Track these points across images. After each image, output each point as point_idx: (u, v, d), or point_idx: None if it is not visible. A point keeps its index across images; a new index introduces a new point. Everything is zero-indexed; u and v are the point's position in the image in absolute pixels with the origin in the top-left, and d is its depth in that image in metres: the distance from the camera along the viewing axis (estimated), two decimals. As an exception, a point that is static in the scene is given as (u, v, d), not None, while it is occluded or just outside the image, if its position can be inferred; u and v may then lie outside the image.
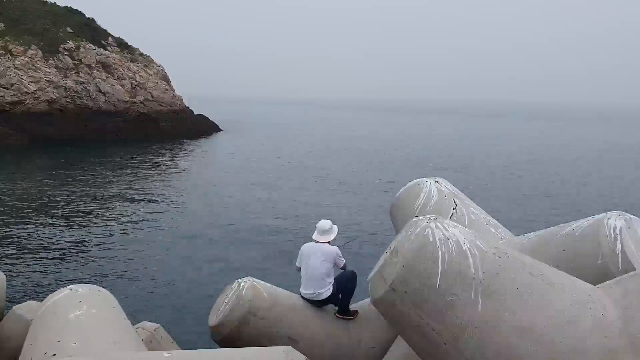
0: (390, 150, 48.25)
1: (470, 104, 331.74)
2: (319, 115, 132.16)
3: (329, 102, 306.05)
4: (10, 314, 5.83)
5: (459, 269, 3.66)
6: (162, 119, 56.78)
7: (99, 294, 4.56)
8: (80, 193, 25.65)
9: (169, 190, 27.27)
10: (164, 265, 15.48)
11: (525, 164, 40.52)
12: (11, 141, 43.05)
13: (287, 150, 46.86)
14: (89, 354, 3.86)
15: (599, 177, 34.43)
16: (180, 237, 18.49)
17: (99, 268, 14.97)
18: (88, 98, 52.09)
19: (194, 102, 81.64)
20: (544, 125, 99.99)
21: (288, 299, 6.11)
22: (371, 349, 5.94)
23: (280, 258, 15.92)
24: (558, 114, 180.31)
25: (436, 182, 6.45)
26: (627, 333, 3.46)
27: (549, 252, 4.81)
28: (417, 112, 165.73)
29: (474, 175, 33.89)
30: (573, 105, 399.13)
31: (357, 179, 31.85)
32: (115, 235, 18.40)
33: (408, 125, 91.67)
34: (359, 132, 72.85)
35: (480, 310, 3.57)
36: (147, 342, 5.78)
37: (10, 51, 48.41)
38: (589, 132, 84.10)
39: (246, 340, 5.57)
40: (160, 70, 64.11)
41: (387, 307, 3.95)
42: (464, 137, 66.48)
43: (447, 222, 3.98)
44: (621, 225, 4.47)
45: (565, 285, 3.75)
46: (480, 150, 49.63)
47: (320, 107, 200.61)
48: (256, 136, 61.91)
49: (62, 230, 18.88)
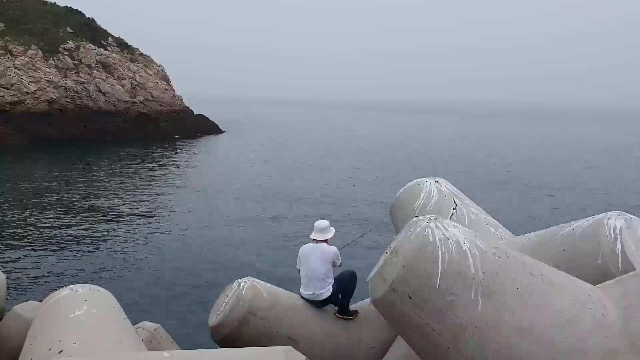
0: (390, 151, 48.24)
1: (470, 104, 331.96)
2: (319, 115, 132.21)
3: (329, 102, 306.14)
4: (10, 314, 5.83)
5: (459, 269, 3.66)
6: (162, 119, 56.79)
7: (99, 294, 4.56)
8: (80, 193, 25.66)
9: (168, 190, 27.28)
10: (164, 265, 15.48)
11: (525, 164, 40.52)
12: (11, 141, 43.05)
13: (287, 151, 46.85)
14: (89, 353, 3.86)
15: (598, 177, 34.43)
16: (180, 237, 18.49)
17: (99, 268, 14.98)
18: (88, 98, 52.10)
19: (194, 102, 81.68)
20: (543, 126, 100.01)
21: (288, 299, 6.11)
22: (371, 349, 5.94)
23: (280, 258, 15.91)
24: (558, 114, 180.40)
25: (436, 182, 6.45)
26: (627, 333, 3.46)
27: (549, 252, 4.81)
28: (417, 112, 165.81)
29: (474, 175, 33.89)
30: (573, 105, 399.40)
31: (357, 179, 31.85)
32: (115, 235, 18.41)
33: (408, 125, 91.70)
34: (359, 132, 72.86)
35: (480, 310, 3.57)
36: (147, 342, 5.78)
37: (10, 51, 48.42)
38: (589, 132, 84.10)
39: (246, 340, 5.57)
40: (160, 70, 64.13)
41: (387, 307, 3.95)
42: (464, 137, 66.47)
43: (447, 222, 3.98)
44: (621, 225, 4.47)
45: (565, 285, 3.75)
46: (480, 150, 49.63)
47: (321, 107, 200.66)
48: (256, 136, 61.91)
49: (62, 230, 18.88)
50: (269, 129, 73.81)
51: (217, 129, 64.10)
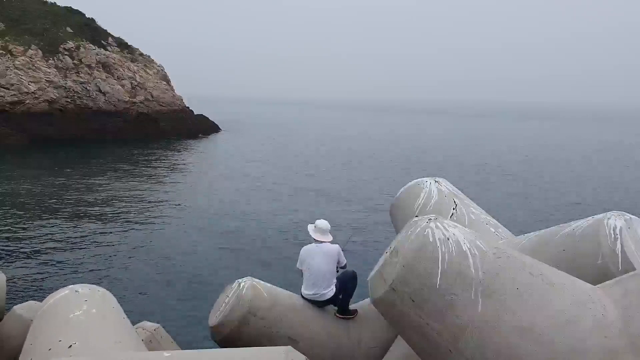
0: (388, 151, 48.26)
1: (461, 104, 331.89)
2: (318, 115, 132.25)
3: (326, 102, 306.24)
4: (10, 314, 5.83)
5: (459, 269, 3.66)
6: (162, 119, 56.78)
7: (98, 294, 4.56)
8: (80, 193, 25.66)
9: (168, 190, 27.28)
10: (164, 265, 15.49)
11: (524, 164, 40.52)
12: (11, 141, 43.05)
13: (286, 151, 46.86)
14: (89, 353, 3.87)
15: (598, 177, 34.43)
16: (180, 236, 18.50)
17: (99, 268, 14.98)
18: (88, 98, 52.08)
19: (194, 102, 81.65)
20: (537, 126, 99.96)
21: (288, 299, 6.11)
22: (371, 349, 5.94)
23: (280, 258, 15.91)
24: (553, 113, 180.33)
25: (436, 182, 6.45)
26: (627, 333, 3.46)
27: (549, 252, 4.81)
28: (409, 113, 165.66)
29: (474, 175, 33.88)
30: (568, 105, 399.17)
31: (357, 179, 31.85)
32: (115, 235, 18.40)
33: (403, 126, 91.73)
34: (357, 132, 72.86)
35: (480, 310, 3.57)
36: (147, 342, 5.78)
37: (10, 51, 48.40)
38: (586, 132, 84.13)
39: (246, 340, 5.57)
40: (160, 70, 64.11)
41: (387, 307, 3.95)
42: (459, 138, 66.47)
43: (447, 222, 3.98)
44: (621, 225, 4.47)
45: (565, 285, 3.75)
46: (480, 150, 49.64)
47: (320, 107, 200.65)
48: (256, 136, 61.93)
49: (62, 230, 18.88)
50: (269, 129, 73.85)
51: (217, 129, 64.11)
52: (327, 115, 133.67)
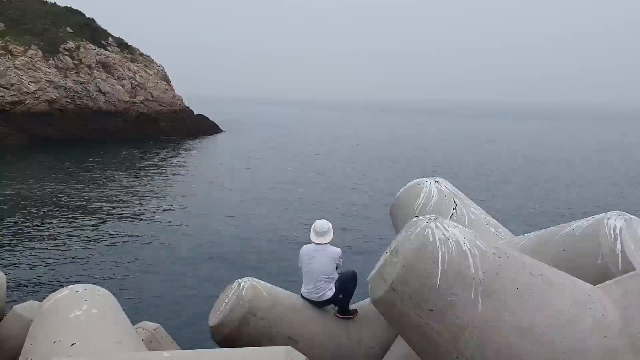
0: (388, 151, 48.26)
1: (461, 104, 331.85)
2: (318, 115, 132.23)
3: (326, 102, 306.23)
4: (10, 314, 5.83)
5: (459, 269, 3.66)
6: (162, 119, 56.79)
7: (98, 294, 4.56)
8: (80, 193, 25.66)
9: (168, 190, 27.29)
10: (164, 265, 15.49)
11: (524, 164, 40.52)
12: (11, 141, 43.06)
13: (286, 150, 46.86)
14: (89, 354, 3.87)
15: (598, 177, 34.43)
16: (180, 236, 18.50)
17: (99, 268, 14.98)
18: (88, 98, 52.10)
19: (194, 102, 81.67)
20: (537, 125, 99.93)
21: (288, 299, 6.10)
22: (371, 349, 5.94)
23: (280, 258, 15.91)
24: (553, 113, 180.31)
25: (436, 182, 6.44)
26: (627, 333, 3.46)
27: (549, 252, 4.81)
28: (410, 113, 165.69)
29: (474, 175, 33.88)
30: (568, 105, 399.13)
31: (357, 178, 31.85)
32: (115, 235, 18.40)
33: (403, 126, 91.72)
34: (357, 132, 72.87)
35: (480, 310, 3.57)
36: (147, 342, 5.78)
37: (10, 51, 48.42)
38: (586, 131, 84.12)
39: (246, 340, 5.56)
40: (160, 70, 64.12)
41: (387, 307, 3.94)
42: (459, 138, 66.47)
43: (447, 222, 3.97)
44: (621, 225, 4.46)
45: (565, 285, 3.75)
46: (480, 150, 49.64)
47: (320, 107, 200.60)
48: (256, 136, 61.93)
49: (62, 230, 18.88)
50: (269, 129, 73.85)
51: (217, 129, 64.10)
52: (327, 115, 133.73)
